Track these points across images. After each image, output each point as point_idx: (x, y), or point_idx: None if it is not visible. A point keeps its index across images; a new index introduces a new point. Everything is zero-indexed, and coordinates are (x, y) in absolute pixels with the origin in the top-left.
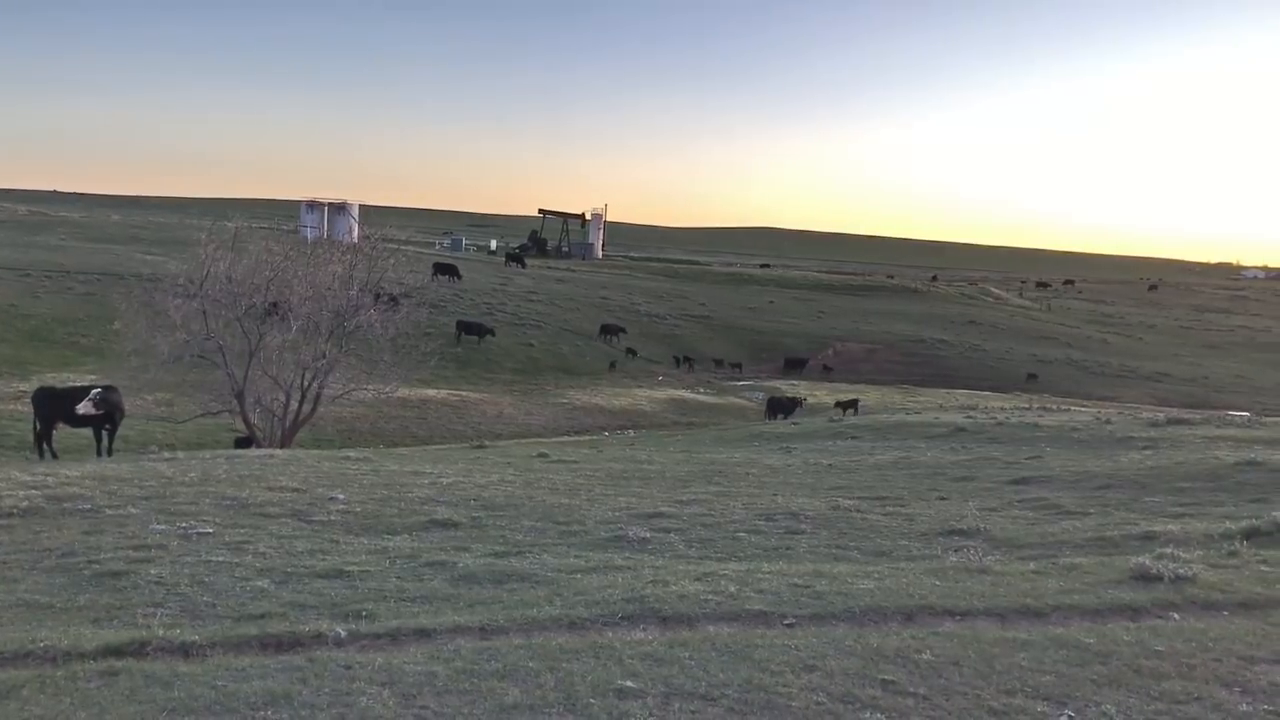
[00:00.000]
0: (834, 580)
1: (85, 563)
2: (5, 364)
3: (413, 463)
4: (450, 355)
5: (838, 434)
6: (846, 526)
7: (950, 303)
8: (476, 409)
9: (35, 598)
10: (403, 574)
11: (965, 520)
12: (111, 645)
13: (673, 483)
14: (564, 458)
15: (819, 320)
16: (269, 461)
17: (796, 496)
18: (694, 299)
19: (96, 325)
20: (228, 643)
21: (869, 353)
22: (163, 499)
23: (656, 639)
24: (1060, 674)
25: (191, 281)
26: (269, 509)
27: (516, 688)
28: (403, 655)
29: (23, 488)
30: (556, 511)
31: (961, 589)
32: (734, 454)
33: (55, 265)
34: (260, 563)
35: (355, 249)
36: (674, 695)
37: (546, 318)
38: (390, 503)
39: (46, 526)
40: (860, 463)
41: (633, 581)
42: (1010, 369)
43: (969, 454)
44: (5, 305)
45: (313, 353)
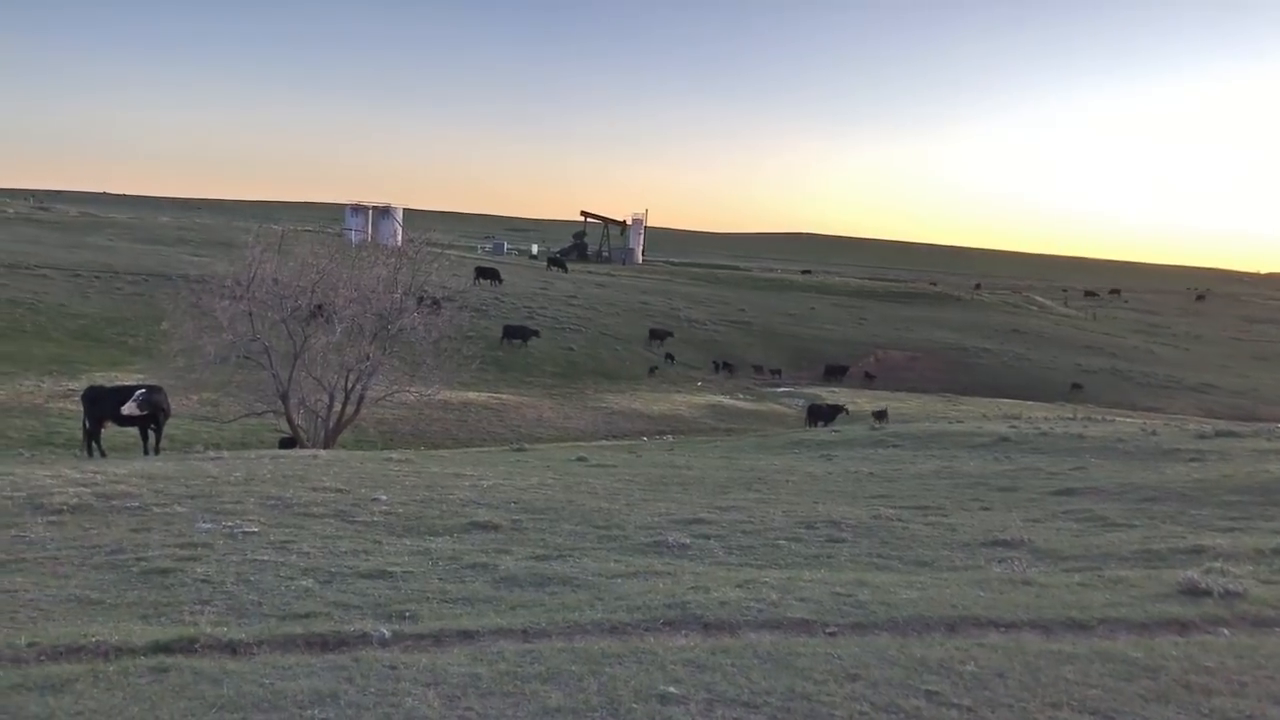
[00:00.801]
0: (876, 589)
1: (134, 560)
2: (55, 363)
3: (454, 465)
4: (491, 359)
5: (879, 442)
6: (888, 536)
7: (994, 311)
8: (516, 412)
9: (86, 593)
10: (445, 575)
11: (1009, 531)
12: (161, 642)
13: (712, 489)
14: (603, 462)
15: (860, 327)
16: (313, 462)
17: (837, 505)
18: (734, 304)
19: (144, 325)
20: (274, 641)
21: (911, 360)
22: (209, 498)
23: (698, 645)
24: (1107, 688)
25: (238, 283)
26: (313, 509)
27: (559, 691)
28: (446, 656)
29: (73, 485)
30: (596, 516)
31: (1006, 600)
32: (774, 461)
33: (104, 266)
34: (304, 562)
35: (399, 253)
36: (716, 702)
37: (586, 322)
38: (432, 504)
39: (96, 523)
40: (902, 471)
41: (673, 587)
42: (1054, 379)
43: (1012, 464)
44: (56, 305)
45: (356, 355)
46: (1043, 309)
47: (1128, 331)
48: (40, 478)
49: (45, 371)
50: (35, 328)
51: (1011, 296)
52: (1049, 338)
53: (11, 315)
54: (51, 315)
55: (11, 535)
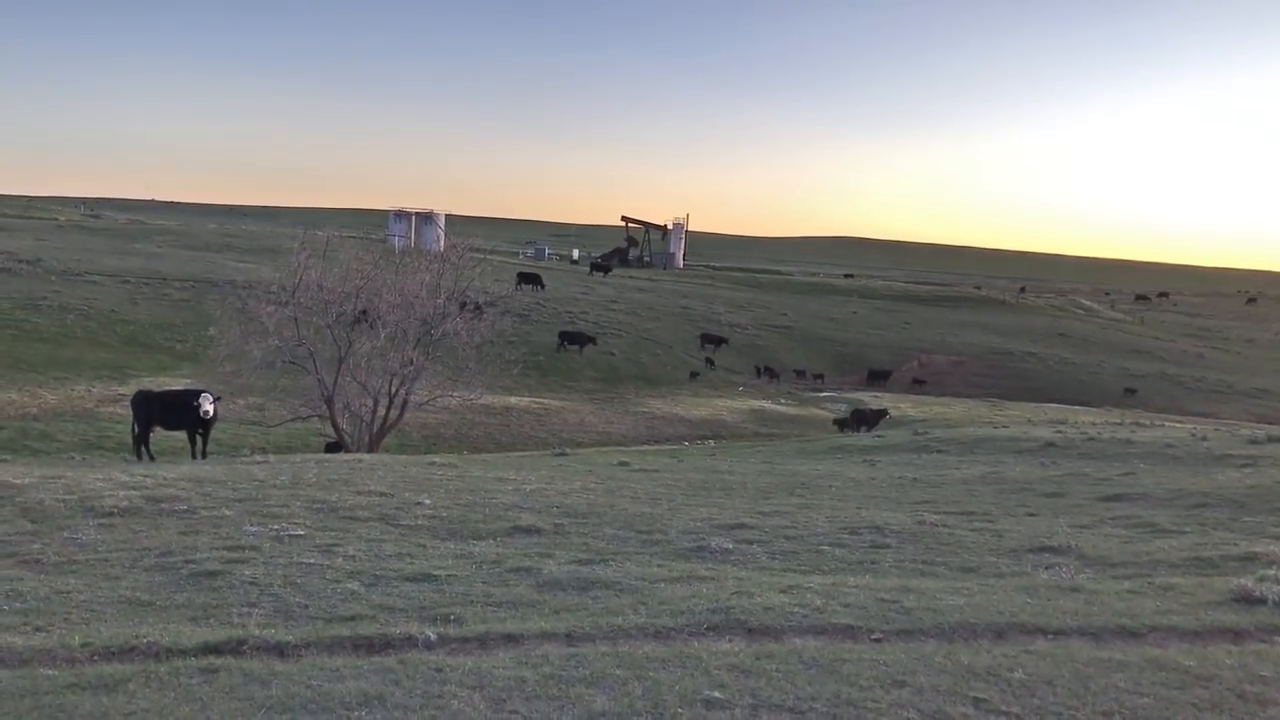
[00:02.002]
0: (922, 596)
1: (182, 562)
2: (105, 368)
3: (496, 469)
4: (532, 363)
5: (922, 447)
6: (933, 541)
7: (1039, 315)
8: (558, 417)
9: (136, 595)
10: (489, 579)
11: (1056, 537)
12: (210, 643)
13: (754, 494)
14: (645, 466)
15: (903, 331)
16: (357, 466)
17: (881, 510)
18: (776, 309)
19: (192, 331)
20: (321, 643)
21: (955, 365)
22: (255, 501)
23: (743, 650)
24: (1159, 696)
25: (284, 289)
26: (358, 513)
27: (604, 695)
28: (491, 660)
29: (122, 488)
30: (638, 520)
31: (1054, 607)
32: (816, 466)
33: (153, 272)
34: (350, 565)
35: (442, 258)
36: (761, 707)
37: (627, 327)
38: (475, 508)
39: (145, 526)
40: (946, 477)
41: (717, 592)
42: (1101, 383)
43: (1059, 469)
44: (106, 311)
45: (400, 360)
46: (1089, 312)
47: (1177, 335)
48: (91, 481)
49: (96, 376)
50: (86, 333)
51: (1057, 300)
52: (1095, 342)
53: (63, 322)
54: (102, 321)
55: (64, 537)
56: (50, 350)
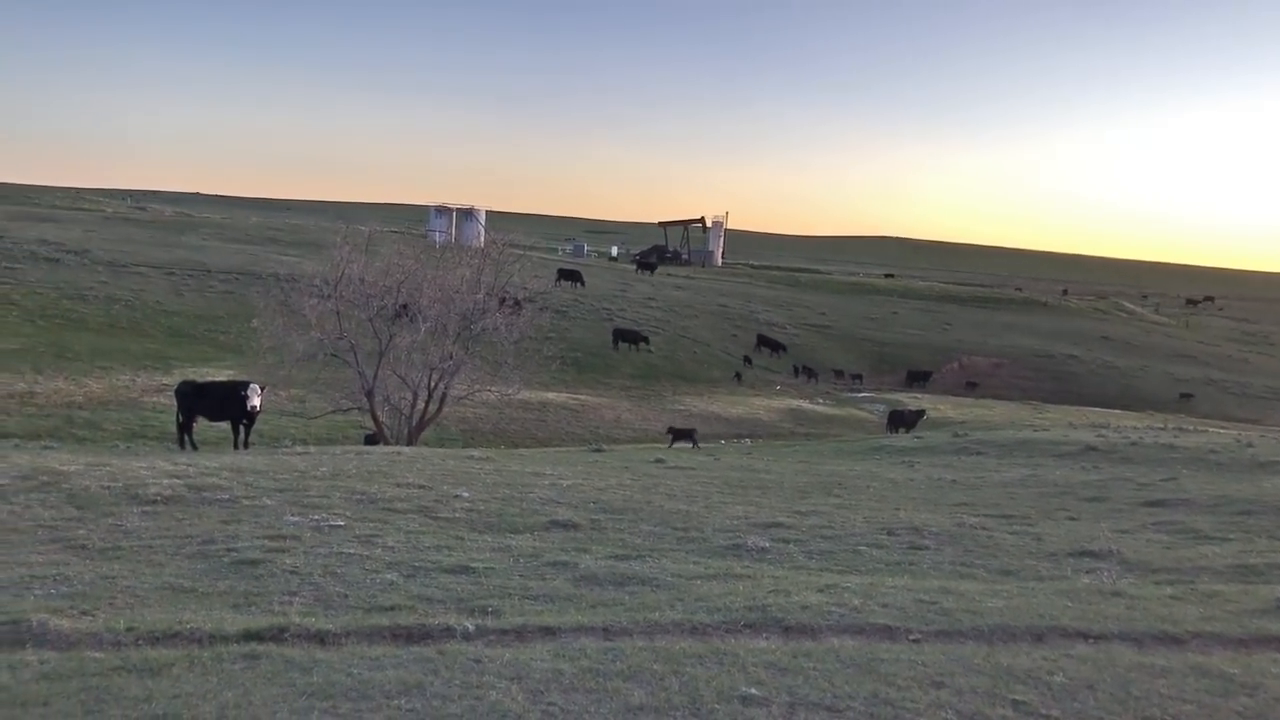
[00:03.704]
0: (961, 597)
1: (224, 550)
2: (149, 359)
3: (533, 464)
4: (570, 360)
5: (962, 449)
6: (972, 544)
7: (1082, 317)
8: (595, 413)
9: (179, 581)
10: (526, 572)
11: (1097, 542)
12: (252, 630)
13: (791, 493)
14: (681, 464)
15: (944, 332)
16: (396, 458)
17: (919, 512)
18: (814, 308)
19: (235, 323)
20: (361, 632)
21: (995, 367)
22: (296, 492)
23: (779, 648)
24: (1202, 704)
25: (326, 283)
26: (397, 504)
27: (641, 689)
28: (529, 652)
29: (166, 476)
30: (674, 517)
31: (1094, 611)
32: (854, 466)
33: (197, 264)
34: (389, 556)
35: (482, 254)
36: (799, 705)
37: (665, 324)
38: (512, 502)
39: (188, 514)
40: (985, 479)
41: (753, 590)
42: (1145, 387)
43: (1100, 474)
44: (151, 302)
45: (440, 354)
46: (1132, 316)
47: (1222, 340)
48: (135, 469)
49: (140, 367)
50: (131, 324)
51: (1100, 302)
52: (1139, 346)
53: (110, 312)
54: (147, 312)
55: (109, 524)
56: (96, 340)
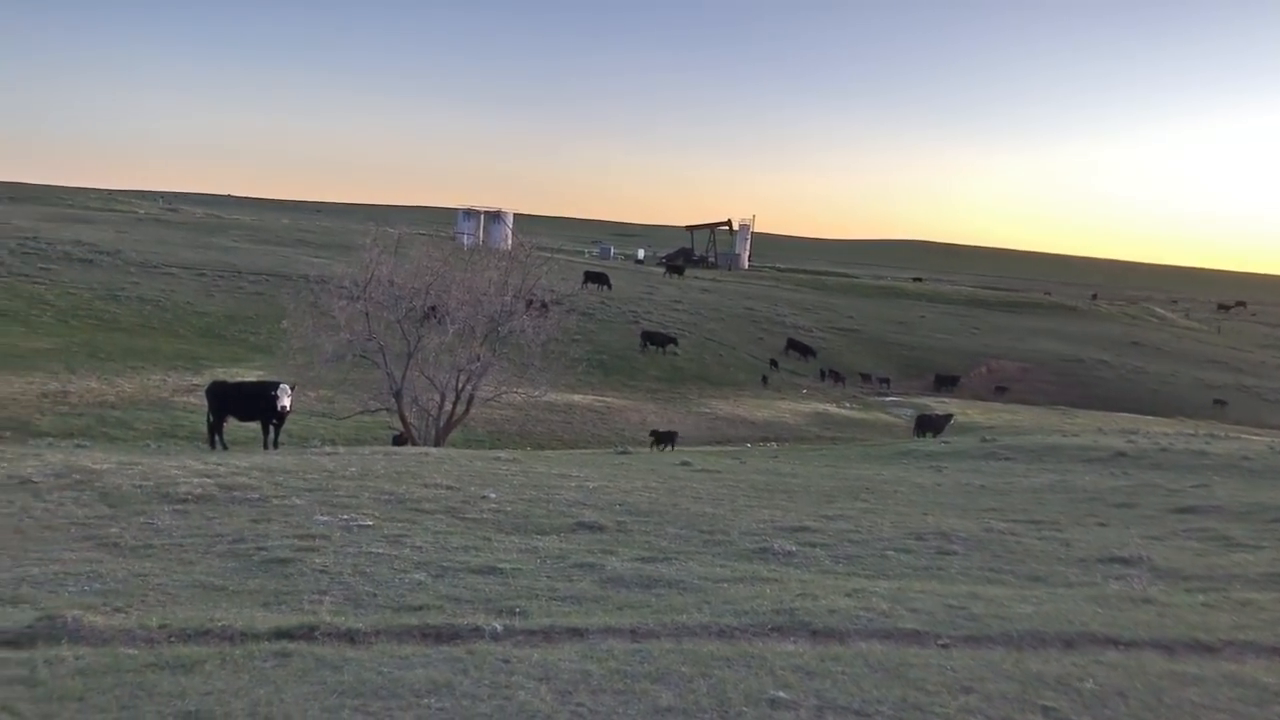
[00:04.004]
0: (990, 603)
1: (254, 549)
2: (180, 359)
3: (560, 465)
4: (596, 362)
5: (990, 454)
6: (1000, 549)
7: (1111, 322)
8: (620, 415)
9: (210, 579)
10: (553, 574)
11: (1127, 548)
12: (283, 628)
13: (818, 497)
14: (707, 467)
15: (972, 337)
16: (424, 459)
17: (947, 517)
18: (842, 312)
19: (265, 323)
20: (390, 631)
21: (1023, 372)
22: (325, 491)
23: (807, 652)
24: (1236, 713)
25: (356, 284)
26: (424, 505)
27: (669, 691)
28: (557, 653)
29: (197, 475)
30: (700, 520)
31: (1125, 618)
32: (881, 471)
33: (228, 266)
34: (417, 556)
35: (510, 256)
36: (827, 709)
37: (691, 327)
38: (539, 503)
39: (218, 513)
40: (1013, 485)
41: (780, 593)
42: (1175, 393)
43: (1129, 480)
44: (182, 303)
45: (467, 355)
46: (1163, 321)
47: (1255, 345)
48: (166, 468)
49: (171, 367)
50: (163, 324)
51: (1130, 307)
52: (1169, 351)
53: (141, 312)
54: (178, 313)
55: (140, 522)
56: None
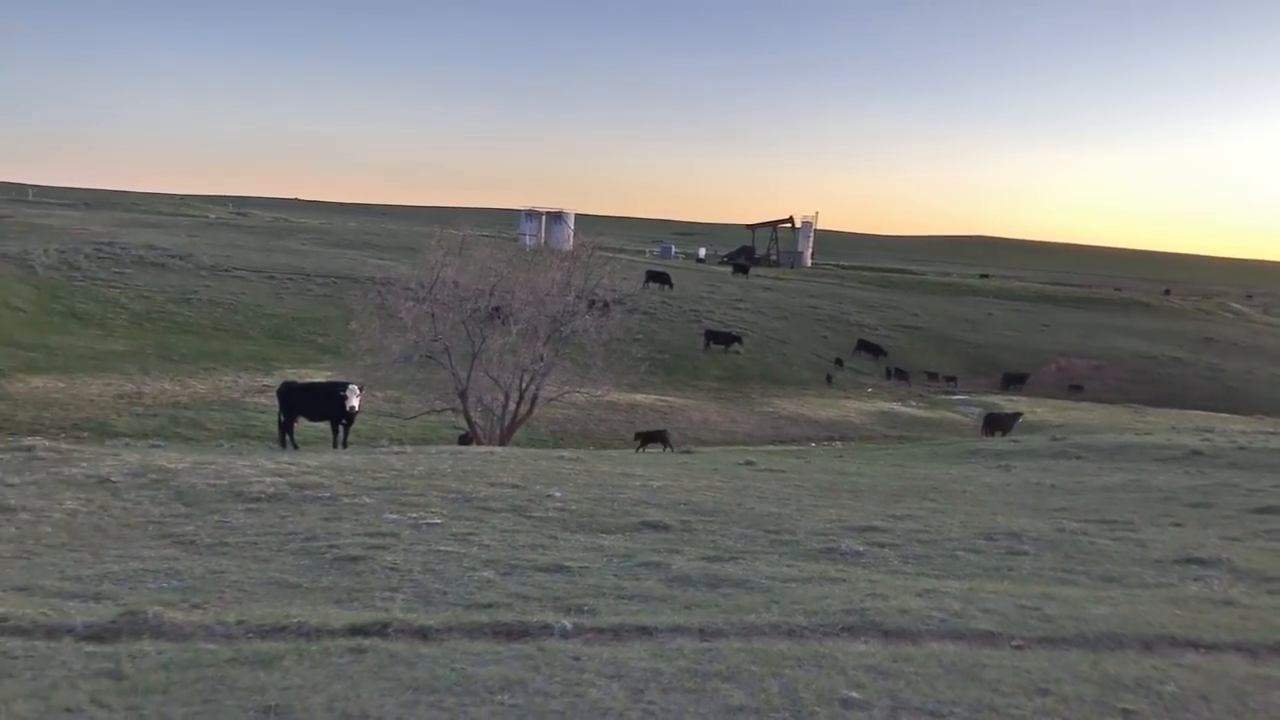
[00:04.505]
0: (1064, 604)
1: (326, 547)
2: (251, 360)
3: (623, 465)
4: (658, 361)
5: (1060, 453)
6: (1072, 550)
7: (1185, 318)
8: (682, 415)
9: (284, 577)
10: (619, 572)
11: (1205, 549)
12: (357, 625)
13: (885, 497)
14: (771, 466)
15: (1041, 334)
16: (489, 458)
17: (1017, 516)
18: (907, 309)
19: (333, 325)
20: (461, 628)
21: (1094, 369)
22: (394, 490)
23: (878, 652)
24: None
25: (421, 286)
26: (491, 503)
27: (740, 690)
28: (627, 651)
29: (269, 475)
30: (766, 520)
31: (1205, 620)
32: (949, 470)
33: (297, 268)
34: (485, 554)
35: (572, 256)
36: (901, 709)
37: (753, 326)
38: (603, 502)
39: (290, 512)
40: (1085, 484)
41: (849, 593)
42: (1252, 390)
43: (1205, 479)
44: (252, 305)
45: (531, 355)
46: (1239, 316)
47: None
48: (239, 468)
49: (242, 368)
50: (234, 326)
51: (1204, 303)
52: (1246, 347)
53: (213, 315)
54: (248, 315)
55: (215, 521)
56: (200, 342)
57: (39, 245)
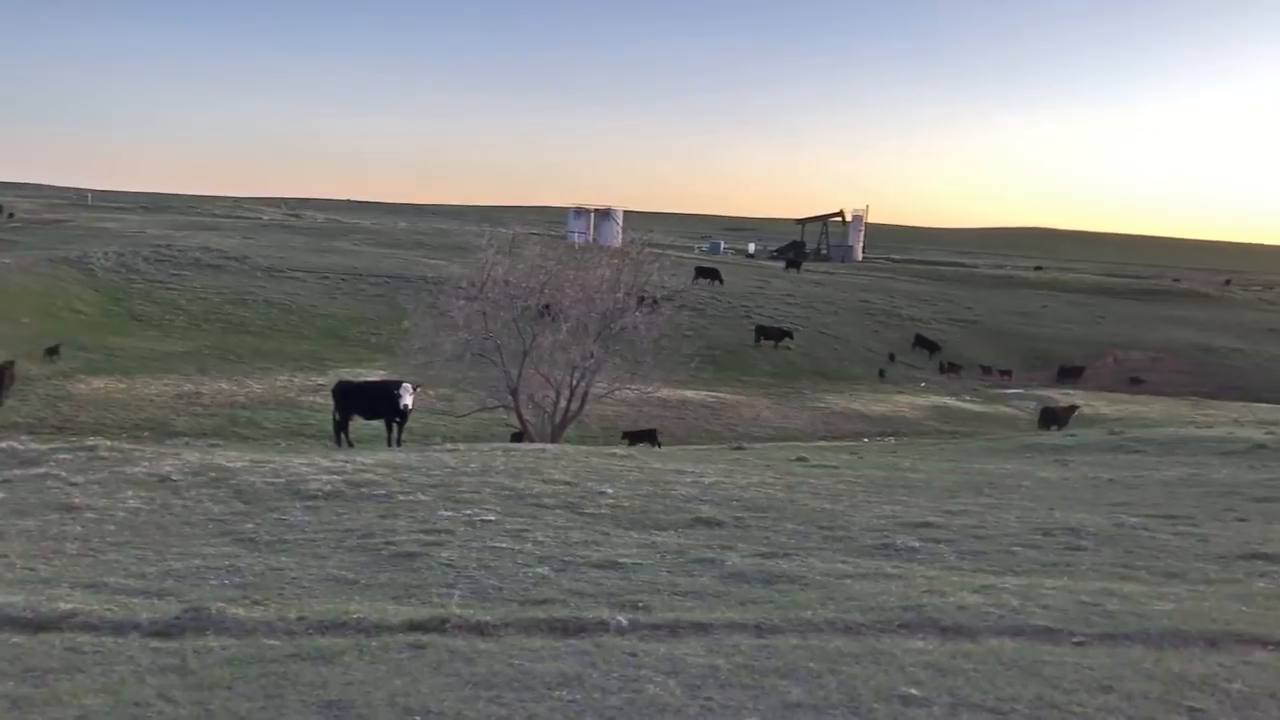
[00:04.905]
0: (1126, 600)
1: (383, 543)
2: (305, 359)
3: (674, 461)
4: (708, 358)
5: (1118, 447)
6: (1133, 545)
7: (1246, 309)
8: (733, 411)
9: (342, 573)
10: (673, 569)
11: (1271, 544)
12: (415, 621)
13: (939, 492)
14: (824, 462)
15: (1098, 326)
16: (541, 455)
17: (1075, 511)
18: (960, 302)
19: (385, 324)
20: (519, 624)
21: (1152, 362)
22: (448, 487)
23: (937, 649)
24: None
25: (473, 284)
26: (544, 500)
27: (798, 687)
28: (683, 647)
29: (325, 473)
30: (819, 516)
31: (1273, 617)
32: (1004, 465)
33: (349, 269)
34: (539, 550)
35: (621, 253)
36: (961, 706)
37: (804, 321)
38: (655, 499)
39: (347, 509)
40: (1144, 478)
41: (906, 590)
42: None
43: (1270, 473)
44: (306, 305)
45: (581, 353)
46: None
47: None
48: (296, 466)
49: (297, 367)
50: (288, 327)
51: (1267, 293)
52: None
53: (268, 315)
54: (303, 315)
55: (274, 518)
56: (256, 342)
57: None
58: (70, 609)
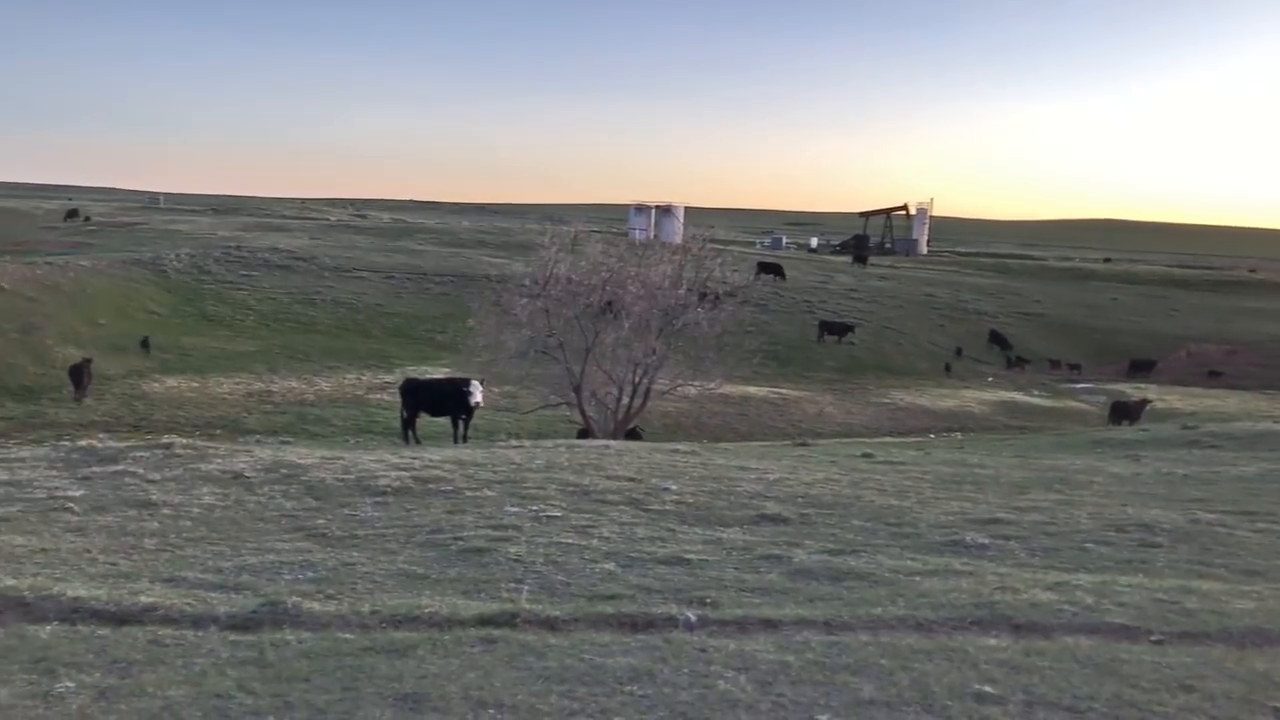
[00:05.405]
0: (1205, 597)
1: (451, 539)
2: (373, 357)
3: (738, 458)
4: (771, 353)
5: (1193, 442)
6: (1210, 542)
7: None
8: (797, 407)
9: (412, 568)
10: (739, 565)
11: None
12: (485, 615)
13: (1008, 488)
14: (890, 458)
15: (1170, 319)
16: (605, 452)
17: (1148, 508)
18: (1027, 296)
19: (450, 323)
20: (587, 619)
21: (1228, 355)
22: (514, 483)
23: (1010, 646)
24: None
25: (535, 282)
26: (608, 496)
27: (870, 684)
28: (753, 643)
29: (394, 469)
30: (886, 513)
31: None
32: (1075, 460)
33: (414, 268)
34: (605, 546)
35: (682, 250)
36: (1036, 704)
37: (868, 316)
38: (720, 495)
39: (415, 505)
40: (1220, 474)
41: (977, 587)
42: None
43: None
44: (372, 304)
45: (643, 349)
46: None
47: None
48: (365, 462)
49: (364, 366)
50: (356, 326)
51: None
52: None
53: (336, 314)
54: (370, 314)
55: (345, 514)
56: (324, 341)
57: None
58: (151, 602)
